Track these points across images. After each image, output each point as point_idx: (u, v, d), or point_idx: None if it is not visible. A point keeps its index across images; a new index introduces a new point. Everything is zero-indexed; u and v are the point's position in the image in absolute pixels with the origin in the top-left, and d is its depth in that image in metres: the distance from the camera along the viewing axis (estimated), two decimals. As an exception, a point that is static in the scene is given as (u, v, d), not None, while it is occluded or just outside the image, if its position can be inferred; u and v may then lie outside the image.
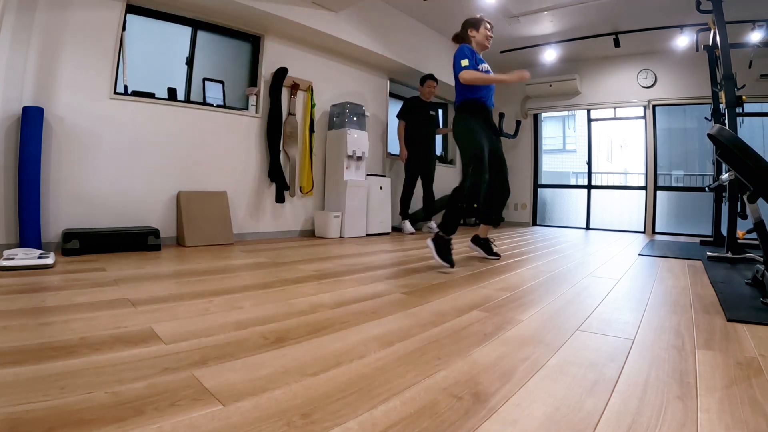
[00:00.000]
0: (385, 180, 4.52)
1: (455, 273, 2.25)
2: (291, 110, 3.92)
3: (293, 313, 1.41)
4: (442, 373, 0.95)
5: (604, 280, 2.18)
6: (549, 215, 6.71)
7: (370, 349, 1.09)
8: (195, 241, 3.09)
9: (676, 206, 5.71)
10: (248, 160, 3.67)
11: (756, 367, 1.02)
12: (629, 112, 5.98)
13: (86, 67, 2.74)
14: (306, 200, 4.13)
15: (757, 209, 1.74)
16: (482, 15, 2.72)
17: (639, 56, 5.69)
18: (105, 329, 1.16)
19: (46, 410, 0.72)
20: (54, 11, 2.61)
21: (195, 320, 1.29)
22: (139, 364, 0.94)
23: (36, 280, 1.76)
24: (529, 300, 1.69)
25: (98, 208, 2.81)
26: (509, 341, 1.18)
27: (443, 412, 0.77)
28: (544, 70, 6.32)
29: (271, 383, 0.87)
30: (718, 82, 3.56)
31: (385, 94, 5.09)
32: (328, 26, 3.88)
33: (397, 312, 1.46)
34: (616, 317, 1.46)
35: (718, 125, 1.69)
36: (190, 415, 0.73)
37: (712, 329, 1.34)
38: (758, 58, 4.50)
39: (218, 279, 1.93)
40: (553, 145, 7.91)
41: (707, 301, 1.73)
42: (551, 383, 0.91)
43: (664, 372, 0.98)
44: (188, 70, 3.45)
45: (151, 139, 3.06)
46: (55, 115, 2.63)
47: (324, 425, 0.71)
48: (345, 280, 1.99)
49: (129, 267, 2.15)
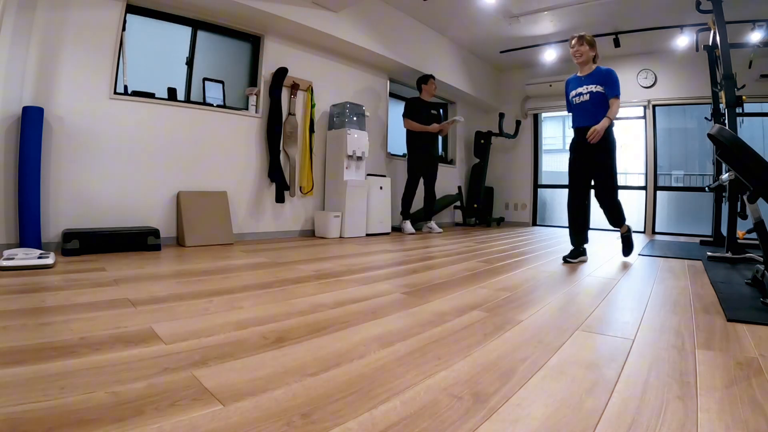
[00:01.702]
0: (385, 180, 4.52)
1: (455, 273, 2.25)
2: (291, 110, 3.92)
3: (293, 313, 1.41)
4: (442, 373, 0.95)
5: (604, 280, 2.18)
6: (549, 215, 6.72)
7: (370, 349, 1.09)
8: (195, 241, 3.08)
9: (676, 206, 5.71)
10: (248, 160, 3.67)
11: (756, 367, 1.02)
12: (629, 112, 5.97)
13: (86, 67, 2.74)
14: (306, 200, 4.13)
15: (757, 209, 1.74)
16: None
17: (639, 56, 5.69)
18: (105, 329, 1.16)
19: (46, 410, 0.72)
20: (54, 11, 2.61)
21: (195, 320, 1.28)
22: (139, 364, 0.94)
23: (36, 280, 1.76)
24: (529, 300, 1.69)
25: (98, 208, 2.81)
26: (509, 341, 1.18)
27: (443, 412, 0.77)
28: (544, 70, 6.32)
29: (271, 383, 0.87)
30: (718, 82, 3.56)
31: (385, 94, 5.09)
32: (328, 26, 3.88)
33: (397, 312, 1.46)
34: (616, 317, 1.46)
35: (718, 125, 1.69)
36: (190, 415, 0.73)
37: (712, 329, 1.34)
38: (758, 58, 4.50)
39: (218, 279, 1.93)
40: (553, 145, 7.91)
41: (707, 301, 1.73)
42: (551, 383, 0.91)
43: (664, 372, 0.98)
44: (188, 70, 3.45)
45: (151, 139, 3.06)
46: (55, 115, 2.63)
47: (324, 425, 0.71)
48: (345, 280, 1.99)
49: (129, 267, 2.15)
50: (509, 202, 6.84)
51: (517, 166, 6.79)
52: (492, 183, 6.81)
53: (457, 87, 5.73)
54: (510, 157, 6.84)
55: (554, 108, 6.55)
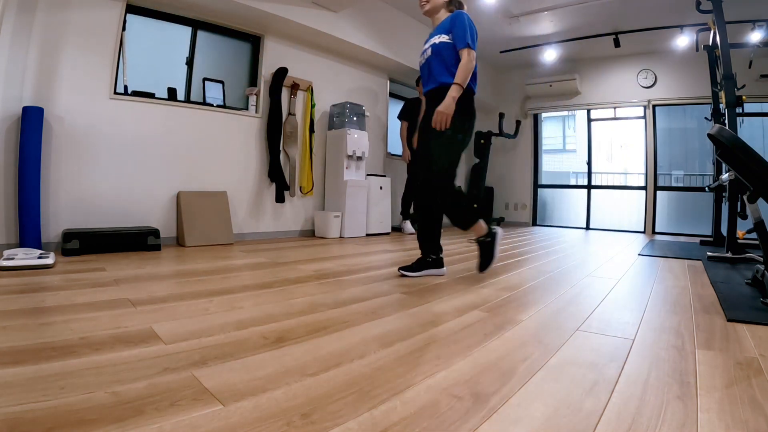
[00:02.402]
0: (385, 180, 4.51)
1: (455, 273, 2.25)
2: (291, 110, 3.92)
3: (293, 313, 1.41)
4: (442, 373, 0.95)
5: (604, 280, 2.17)
6: (549, 215, 6.71)
7: (370, 349, 1.09)
8: (195, 241, 3.08)
9: (676, 206, 5.71)
10: (248, 160, 3.67)
11: (756, 367, 1.02)
12: (629, 112, 5.98)
13: (86, 67, 2.74)
14: (306, 200, 4.13)
15: (757, 209, 1.74)
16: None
17: (639, 56, 5.69)
18: (105, 329, 1.16)
19: (46, 410, 0.72)
20: (54, 11, 2.61)
21: (195, 320, 1.28)
22: (139, 364, 0.94)
23: (36, 280, 1.76)
24: (529, 300, 1.69)
25: (98, 208, 2.81)
26: (509, 341, 1.18)
27: (443, 412, 0.77)
28: (544, 70, 6.32)
29: (271, 383, 0.87)
30: (718, 82, 3.56)
31: (385, 94, 5.09)
32: (328, 26, 3.87)
33: (397, 312, 1.46)
34: (616, 317, 1.46)
35: (718, 125, 1.69)
36: (190, 415, 0.73)
37: (712, 329, 1.34)
38: (758, 58, 4.50)
39: (218, 279, 1.93)
40: (553, 145, 7.91)
41: (707, 301, 1.73)
42: (551, 383, 0.91)
43: (664, 372, 0.98)
44: (188, 70, 3.45)
45: (151, 139, 3.06)
46: (55, 115, 2.63)
47: (324, 425, 0.71)
48: (345, 280, 1.99)
49: (129, 267, 2.15)
50: (509, 202, 6.84)
51: (517, 166, 6.78)
52: (492, 183, 6.81)
53: (457, 87, 5.72)
54: (510, 157, 6.84)
55: (554, 108, 6.55)
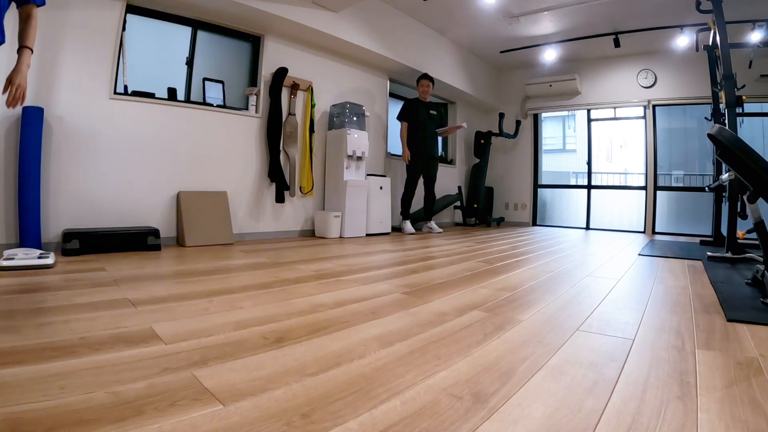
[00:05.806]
0: (385, 180, 4.51)
1: (455, 273, 2.25)
2: (291, 110, 3.92)
3: (293, 313, 1.41)
4: (442, 373, 0.95)
5: (604, 280, 2.17)
6: (549, 215, 6.71)
7: (370, 349, 1.09)
8: (195, 241, 3.09)
9: (676, 206, 5.71)
10: (248, 160, 3.67)
11: (756, 367, 1.02)
12: (629, 112, 5.98)
13: (86, 67, 2.74)
14: (306, 200, 4.13)
15: (757, 209, 1.74)
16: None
17: (639, 56, 5.69)
18: (105, 329, 1.16)
19: (46, 410, 0.72)
20: (53, 11, 2.60)
21: (195, 320, 1.28)
22: (139, 364, 0.94)
23: (36, 280, 1.76)
24: (529, 300, 1.69)
25: (98, 208, 2.81)
26: (509, 341, 1.18)
27: (443, 412, 0.77)
28: (544, 70, 6.33)
29: (271, 383, 0.87)
30: (718, 82, 3.56)
31: (385, 94, 5.09)
32: (328, 26, 3.88)
33: (397, 312, 1.46)
34: (616, 317, 1.46)
35: (718, 125, 1.69)
36: (190, 415, 0.73)
37: (712, 329, 1.34)
38: (758, 58, 4.50)
39: (218, 279, 1.93)
40: (553, 145, 7.91)
41: (707, 301, 1.73)
42: (551, 383, 0.91)
43: (664, 372, 0.98)
44: (188, 70, 3.45)
45: (151, 139, 3.06)
46: (55, 115, 2.63)
47: (324, 425, 0.71)
48: (345, 280, 1.99)
49: (129, 267, 2.15)
50: (509, 202, 6.84)
51: (517, 166, 6.79)
52: (492, 183, 6.81)
53: (457, 87, 5.73)
54: (510, 157, 6.84)
55: (554, 108, 6.55)
